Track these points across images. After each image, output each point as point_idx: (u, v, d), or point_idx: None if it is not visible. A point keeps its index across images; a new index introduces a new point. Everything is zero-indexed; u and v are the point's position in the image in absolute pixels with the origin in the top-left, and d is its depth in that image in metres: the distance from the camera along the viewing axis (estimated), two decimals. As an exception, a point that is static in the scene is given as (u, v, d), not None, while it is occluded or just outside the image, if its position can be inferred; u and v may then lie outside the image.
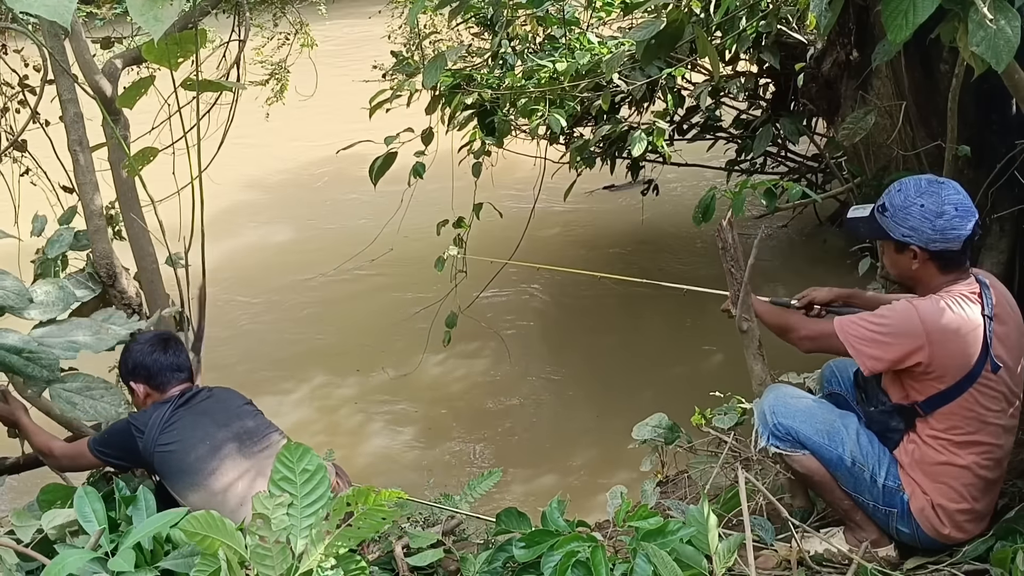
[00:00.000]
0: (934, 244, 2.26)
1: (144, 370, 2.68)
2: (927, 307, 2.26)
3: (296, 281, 6.94)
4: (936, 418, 2.32)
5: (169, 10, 1.42)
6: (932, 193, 2.27)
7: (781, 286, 5.75)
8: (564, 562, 1.95)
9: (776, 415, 2.45)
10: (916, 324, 2.25)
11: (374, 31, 8.43)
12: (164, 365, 2.69)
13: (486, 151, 4.64)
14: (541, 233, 7.17)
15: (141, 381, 2.69)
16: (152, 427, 2.55)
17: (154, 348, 2.71)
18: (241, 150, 5.04)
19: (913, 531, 2.39)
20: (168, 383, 2.69)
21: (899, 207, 2.30)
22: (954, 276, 2.31)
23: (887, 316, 2.31)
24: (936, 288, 2.32)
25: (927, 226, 2.25)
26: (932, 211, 2.25)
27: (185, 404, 2.62)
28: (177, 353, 2.74)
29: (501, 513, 2.35)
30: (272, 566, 1.65)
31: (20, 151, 4.33)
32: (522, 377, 5.41)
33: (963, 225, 2.25)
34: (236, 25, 4.23)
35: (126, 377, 2.73)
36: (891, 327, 2.28)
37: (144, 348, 2.71)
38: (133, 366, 2.70)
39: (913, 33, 1.86)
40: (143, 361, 2.68)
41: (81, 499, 2.15)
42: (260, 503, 1.72)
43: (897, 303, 2.33)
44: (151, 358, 2.69)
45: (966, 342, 2.24)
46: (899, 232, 2.30)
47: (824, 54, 3.78)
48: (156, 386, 2.69)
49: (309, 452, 1.77)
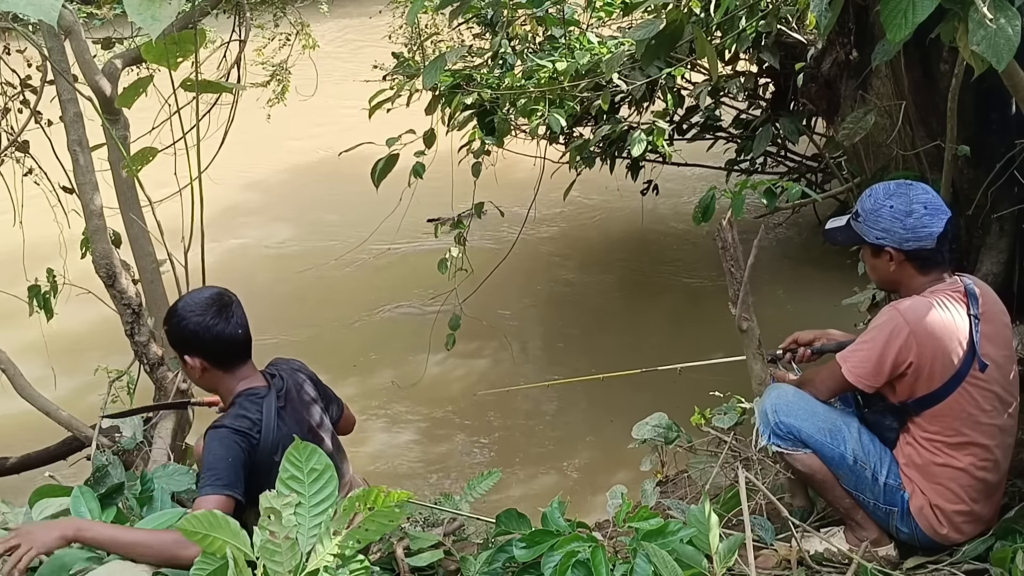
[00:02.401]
0: (907, 243, 2.30)
1: (202, 346, 2.28)
2: (909, 305, 2.30)
3: (296, 281, 6.94)
4: (928, 420, 2.33)
5: (167, 9, 1.42)
6: (901, 194, 2.33)
7: (781, 286, 5.75)
8: (564, 562, 1.95)
9: (778, 414, 2.45)
10: (900, 323, 2.27)
11: (375, 31, 8.42)
12: (227, 339, 2.28)
13: (486, 151, 4.64)
14: (541, 232, 7.19)
15: (197, 356, 2.29)
16: (267, 424, 2.23)
17: (212, 315, 2.27)
18: (241, 150, 5.03)
19: (912, 530, 2.40)
20: (233, 361, 2.32)
21: (870, 211, 2.36)
22: (934, 276, 2.34)
23: (872, 329, 2.33)
24: (919, 289, 2.34)
25: (898, 226, 2.30)
26: (901, 211, 2.30)
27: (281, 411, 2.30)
28: (239, 320, 2.32)
29: (501, 514, 2.35)
30: (281, 562, 1.66)
31: (22, 152, 4.33)
32: (522, 377, 5.41)
33: (933, 223, 2.29)
34: (236, 25, 4.23)
35: (180, 348, 2.32)
36: (878, 337, 2.29)
37: (201, 316, 2.27)
38: (188, 336, 2.27)
39: (913, 33, 1.86)
40: (201, 333, 2.26)
41: (77, 499, 2.14)
42: (268, 501, 1.72)
43: (880, 313, 2.35)
44: (213, 331, 2.26)
45: (951, 340, 2.25)
46: (872, 235, 2.35)
47: (824, 54, 3.78)
48: (218, 363, 2.31)
49: (317, 452, 1.77)
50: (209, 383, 2.40)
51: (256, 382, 2.37)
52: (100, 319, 3.92)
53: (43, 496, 2.33)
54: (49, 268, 3.87)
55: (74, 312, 4.37)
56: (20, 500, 3.00)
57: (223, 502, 2.04)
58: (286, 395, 2.38)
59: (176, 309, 2.33)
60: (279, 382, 2.41)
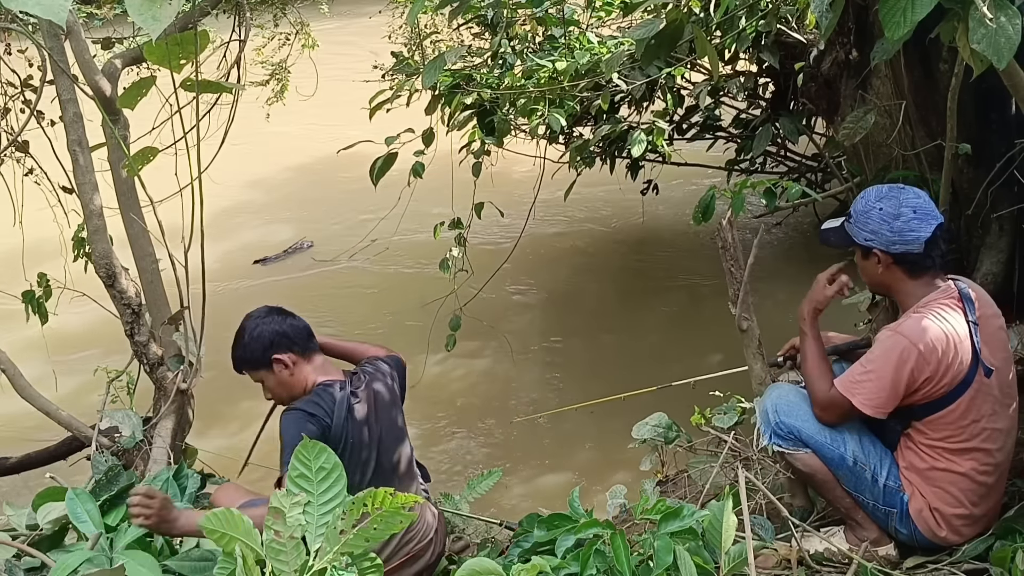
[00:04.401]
0: (894, 247, 2.31)
1: (286, 338, 2.56)
2: (909, 326, 2.28)
3: (296, 281, 6.94)
4: (931, 425, 2.32)
5: (167, 9, 1.42)
6: (891, 197, 2.34)
7: (781, 286, 5.75)
8: (587, 551, 2.02)
9: (779, 414, 2.45)
10: (907, 346, 2.25)
11: (375, 31, 8.42)
12: (300, 328, 2.60)
13: (486, 151, 4.64)
14: (542, 232, 7.19)
15: (286, 351, 2.55)
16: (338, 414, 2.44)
17: (276, 314, 2.61)
18: (241, 150, 5.03)
19: (911, 532, 2.40)
20: (310, 347, 2.60)
21: (860, 212, 2.37)
22: (925, 281, 2.34)
23: (876, 359, 2.30)
24: (910, 295, 2.34)
25: (885, 228, 2.31)
26: (890, 213, 2.31)
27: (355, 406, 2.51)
28: (296, 317, 2.65)
29: (524, 518, 2.45)
30: (286, 561, 1.65)
31: (22, 152, 4.33)
32: (522, 376, 5.41)
33: (921, 227, 2.29)
34: (236, 25, 4.23)
35: (268, 353, 2.56)
36: (886, 366, 2.27)
37: (271, 320, 2.59)
38: (274, 338, 2.55)
39: (912, 32, 1.86)
40: (282, 330, 2.56)
41: (72, 501, 2.14)
42: (277, 500, 1.72)
43: (881, 336, 2.33)
44: (286, 325, 2.58)
45: (956, 350, 2.25)
46: (862, 236, 2.36)
47: (824, 54, 3.77)
48: (302, 351, 2.59)
49: (325, 451, 1.77)
50: (296, 381, 2.58)
51: (334, 376, 2.59)
52: (100, 319, 3.93)
53: (47, 499, 2.34)
54: (41, 273, 3.87)
55: (74, 312, 4.37)
56: (20, 500, 2.99)
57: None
58: (364, 393, 2.56)
59: (244, 328, 2.59)
60: (358, 380, 2.60)
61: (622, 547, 1.98)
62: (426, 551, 2.62)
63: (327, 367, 2.64)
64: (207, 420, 4.45)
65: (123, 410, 3.23)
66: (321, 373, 2.60)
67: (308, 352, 2.61)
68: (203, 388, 3.40)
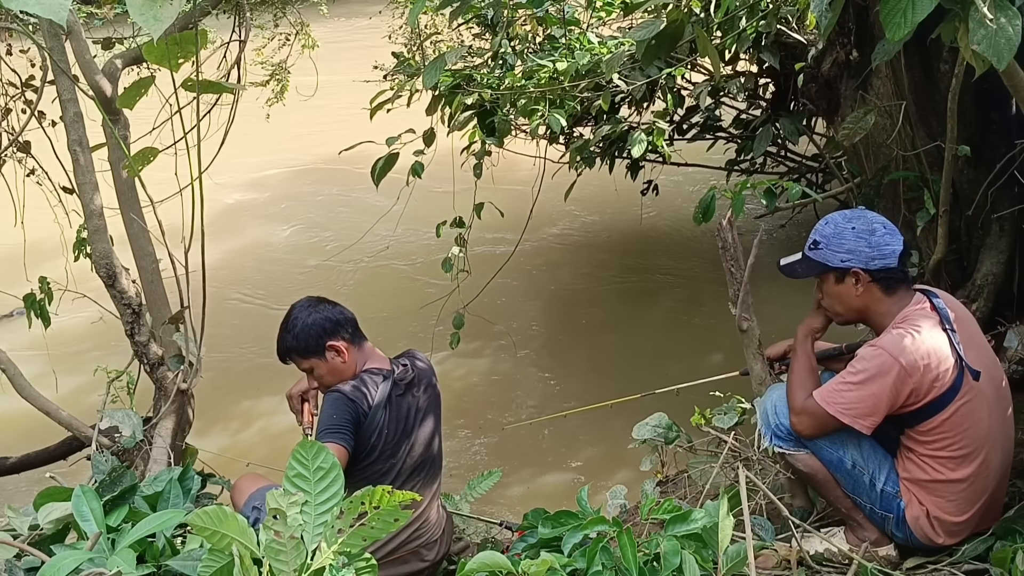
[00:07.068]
0: (873, 262, 2.31)
1: (339, 326, 2.59)
2: (889, 341, 2.27)
3: (296, 280, 6.95)
4: (927, 434, 2.31)
5: (169, 10, 1.42)
6: (859, 216, 2.36)
7: (781, 286, 5.74)
8: (593, 548, 2.02)
9: (779, 414, 2.45)
10: (888, 360, 2.24)
11: (375, 31, 8.43)
12: (349, 316, 2.65)
13: (486, 151, 4.64)
14: (542, 232, 7.19)
15: (340, 339, 2.58)
16: (379, 402, 2.49)
17: (328, 305, 2.64)
18: (242, 150, 5.03)
19: (907, 536, 2.40)
20: (359, 334, 2.65)
21: (832, 235, 2.36)
22: (899, 296, 2.34)
23: (857, 372, 2.28)
24: (886, 313, 2.34)
25: (863, 244, 2.31)
26: (864, 230, 2.33)
27: (396, 398, 2.56)
28: (342, 305, 2.69)
29: (528, 513, 2.48)
30: (286, 561, 1.66)
31: (24, 152, 4.33)
32: (522, 376, 5.41)
33: (894, 241, 2.32)
34: (236, 25, 4.23)
35: (322, 340, 2.57)
36: (867, 380, 2.26)
37: (323, 308, 2.62)
38: (328, 324, 2.57)
39: (913, 33, 1.86)
40: (335, 317, 2.60)
41: (79, 498, 2.14)
42: (275, 500, 1.72)
43: (862, 352, 2.32)
44: (336, 312, 2.62)
45: (940, 358, 2.24)
46: (838, 259, 2.35)
47: (824, 54, 3.78)
48: (352, 338, 2.62)
49: (324, 450, 1.77)
50: (347, 368, 2.59)
51: (381, 364, 2.62)
52: (100, 319, 3.93)
53: (48, 499, 2.34)
54: (42, 276, 3.87)
55: (74, 312, 4.37)
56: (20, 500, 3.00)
57: (338, 449, 2.34)
58: (407, 385, 2.59)
59: (291, 318, 2.60)
60: (405, 372, 2.62)
61: (629, 545, 1.98)
62: (431, 551, 2.63)
63: (375, 354, 2.68)
64: (207, 420, 4.45)
65: (123, 410, 3.22)
66: (370, 360, 2.64)
67: (358, 339, 2.64)
68: (203, 388, 3.40)
